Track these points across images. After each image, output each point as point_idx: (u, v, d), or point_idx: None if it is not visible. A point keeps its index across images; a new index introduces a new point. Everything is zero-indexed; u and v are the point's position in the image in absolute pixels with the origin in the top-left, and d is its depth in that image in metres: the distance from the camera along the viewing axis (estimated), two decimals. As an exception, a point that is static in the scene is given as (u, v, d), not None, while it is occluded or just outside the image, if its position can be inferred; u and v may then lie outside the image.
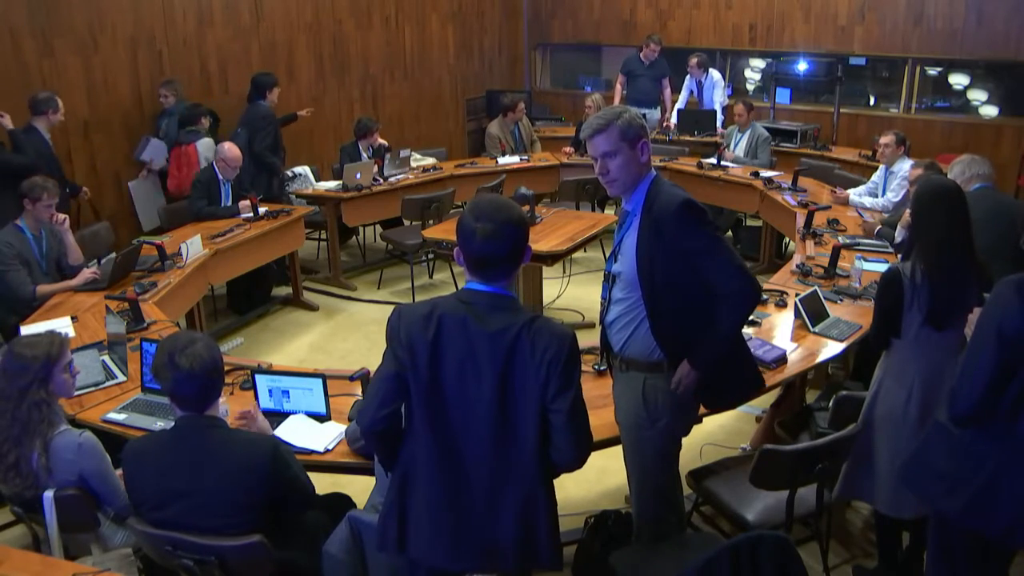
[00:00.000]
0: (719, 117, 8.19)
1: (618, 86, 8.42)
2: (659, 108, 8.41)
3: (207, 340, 2.38)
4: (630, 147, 2.43)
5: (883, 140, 5.49)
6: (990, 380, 2.18)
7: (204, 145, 6.03)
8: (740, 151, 7.04)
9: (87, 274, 4.37)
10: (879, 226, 4.97)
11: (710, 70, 8.32)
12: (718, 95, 8.31)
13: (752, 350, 3.32)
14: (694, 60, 8.21)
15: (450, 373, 2.02)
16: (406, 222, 6.53)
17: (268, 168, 6.29)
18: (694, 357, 2.50)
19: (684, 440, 2.76)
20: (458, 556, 2.09)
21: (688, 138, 7.99)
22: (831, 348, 3.50)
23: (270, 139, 6.25)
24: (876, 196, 5.64)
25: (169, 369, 2.28)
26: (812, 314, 3.67)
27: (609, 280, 2.61)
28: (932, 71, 8.34)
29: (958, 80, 8.23)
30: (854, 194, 5.73)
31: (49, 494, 2.54)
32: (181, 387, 2.29)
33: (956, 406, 2.28)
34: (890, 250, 4.66)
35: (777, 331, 3.67)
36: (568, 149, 7.59)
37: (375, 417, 2.10)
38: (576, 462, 2.10)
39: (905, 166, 5.34)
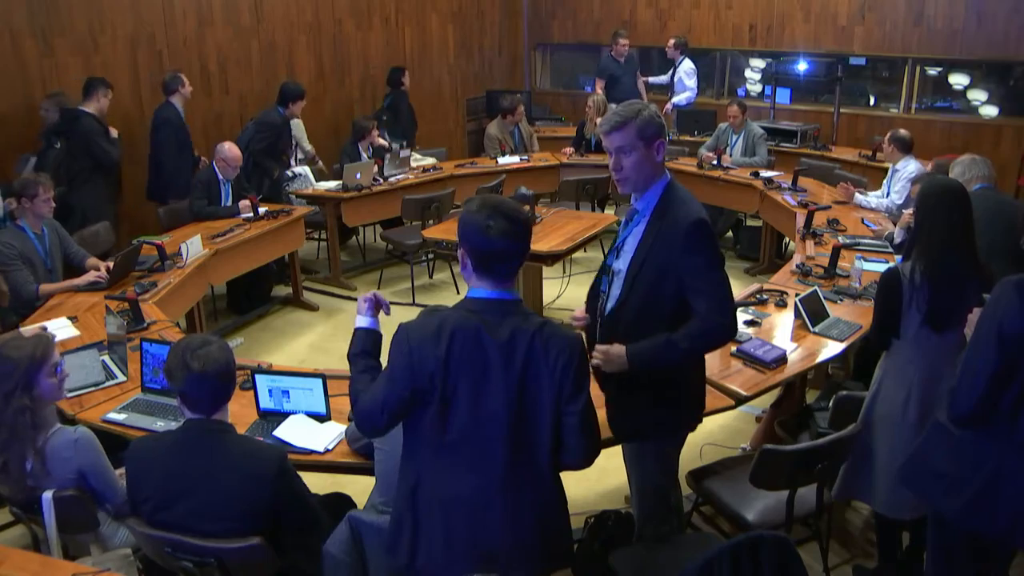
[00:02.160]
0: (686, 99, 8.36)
1: (598, 90, 8.28)
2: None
3: (221, 343, 2.36)
4: (646, 146, 2.40)
5: (886, 137, 5.56)
6: (990, 380, 2.18)
7: (296, 125, 6.91)
8: (737, 151, 7.05)
9: (91, 276, 4.37)
10: (893, 230, 4.93)
11: (685, 58, 8.33)
12: (689, 82, 8.33)
13: (752, 350, 3.34)
14: (671, 41, 8.30)
15: (465, 387, 2.00)
16: (406, 222, 6.53)
17: (262, 169, 6.33)
18: (638, 348, 2.42)
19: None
20: (478, 564, 2.07)
21: (688, 138, 8.00)
22: (831, 348, 3.50)
23: (265, 144, 6.31)
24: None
25: (181, 370, 2.26)
26: (812, 314, 3.66)
27: (609, 274, 2.59)
28: (932, 71, 8.34)
29: (958, 80, 8.23)
30: (859, 193, 5.75)
31: (48, 495, 2.53)
32: (192, 388, 2.28)
33: (956, 406, 2.28)
34: (890, 250, 4.66)
35: (777, 331, 3.67)
36: (568, 149, 7.59)
37: (378, 417, 2.08)
38: (586, 462, 2.11)
39: (910, 166, 5.38)
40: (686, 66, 8.38)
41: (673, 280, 2.40)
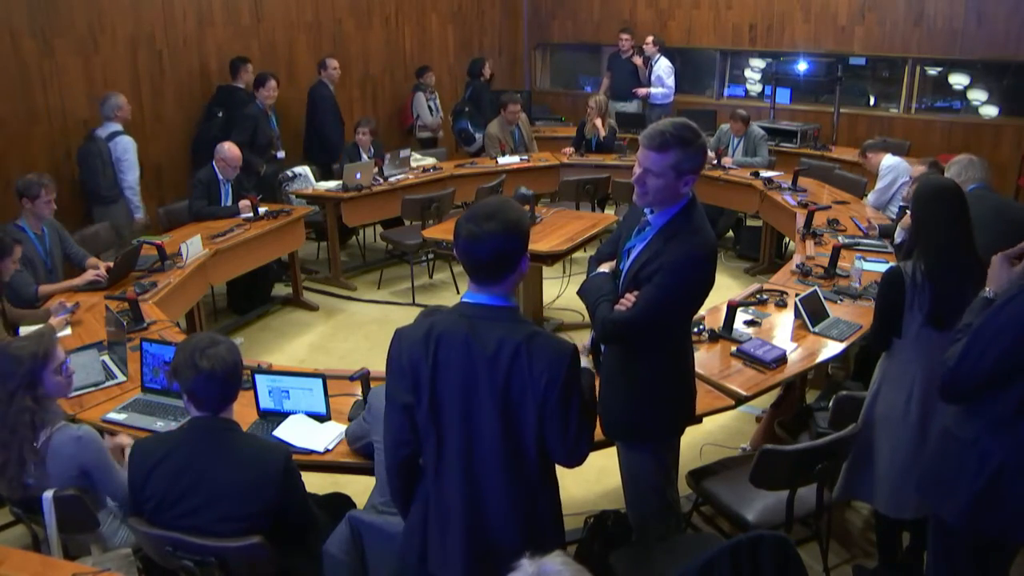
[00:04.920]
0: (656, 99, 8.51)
1: (605, 80, 8.89)
2: (637, 102, 8.56)
3: (229, 343, 2.36)
4: (676, 177, 2.34)
5: (862, 155, 5.89)
6: (995, 371, 2.19)
7: (417, 99, 8.24)
8: (738, 153, 7.08)
9: (90, 275, 4.38)
10: (875, 228, 5.00)
11: (662, 57, 8.43)
12: (668, 80, 8.42)
13: (752, 350, 3.34)
14: (650, 38, 8.45)
15: (453, 392, 1.99)
16: (406, 222, 6.53)
17: (246, 164, 6.29)
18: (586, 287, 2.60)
19: (684, 440, 2.76)
20: (470, 570, 2.07)
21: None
22: (831, 348, 3.50)
23: (244, 137, 6.32)
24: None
25: (190, 369, 2.26)
26: (812, 314, 3.66)
27: (617, 277, 2.59)
28: (932, 71, 8.34)
29: (958, 80, 8.23)
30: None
31: (48, 494, 2.54)
32: (200, 388, 2.28)
33: (955, 383, 2.27)
34: (890, 250, 4.67)
35: (777, 331, 3.67)
36: (568, 149, 7.59)
37: (398, 455, 2.09)
38: (572, 467, 2.10)
39: (887, 160, 5.59)
40: (664, 64, 8.45)
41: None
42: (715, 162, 6.92)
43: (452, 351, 1.98)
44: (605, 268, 2.63)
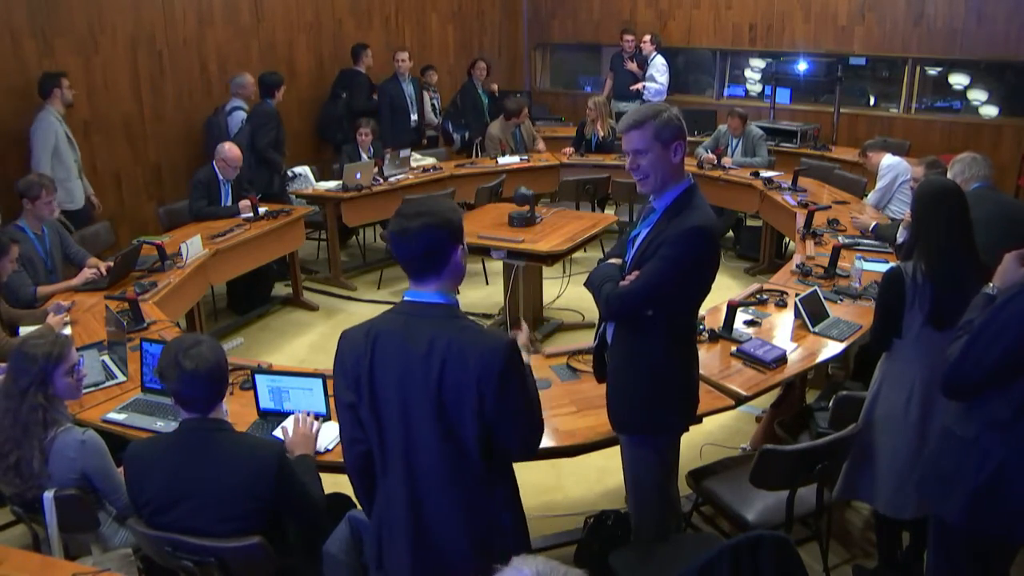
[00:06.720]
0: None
1: (607, 80, 8.90)
2: (639, 101, 8.54)
3: (212, 342, 2.37)
4: (663, 147, 2.40)
5: (863, 155, 5.93)
6: (997, 368, 2.20)
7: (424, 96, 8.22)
8: (737, 154, 7.08)
9: (87, 273, 4.38)
10: (872, 223, 5.00)
11: (658, 55, 8.47)
12: (660, 78, 8.45)
13: (752, 350, 3.34)
14: (647, 37, 8.49)
15: (390, 391, 1.96)
16: (406, 222, 6.52)
17: (269, 165, 6.37)
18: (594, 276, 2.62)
19: (684, 440, 2.76)
20: (416, 572, 2.05)
21: (687, 138, 7.99)
22: (831, 348, 3.50)
23: (271, 137, 6.35)
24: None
25: (173, 370, 2.27)
26: (812, 314, 3.66)
27: (623, 270, 2.60)
28: (932, 71, 8.34)
29: (958, 80, 8.23)
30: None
31: (49, 494, 2.54)
32: (184, 388, 2.28)
33: (957, 379, 2.28)
34: (890, 250, 4.67)
35: (777, 331, 3.67)
36: (568, 149, 7.58)
37: (351, 453, 2.07)
38: (525, 458, 2.09)
39: (887, 160, 5.60)
40: (659, 62, 8.48)
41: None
42: (715, 162, 6.92)
43: (388, 350, 1.96)
44: (613, 262, 2.65)
